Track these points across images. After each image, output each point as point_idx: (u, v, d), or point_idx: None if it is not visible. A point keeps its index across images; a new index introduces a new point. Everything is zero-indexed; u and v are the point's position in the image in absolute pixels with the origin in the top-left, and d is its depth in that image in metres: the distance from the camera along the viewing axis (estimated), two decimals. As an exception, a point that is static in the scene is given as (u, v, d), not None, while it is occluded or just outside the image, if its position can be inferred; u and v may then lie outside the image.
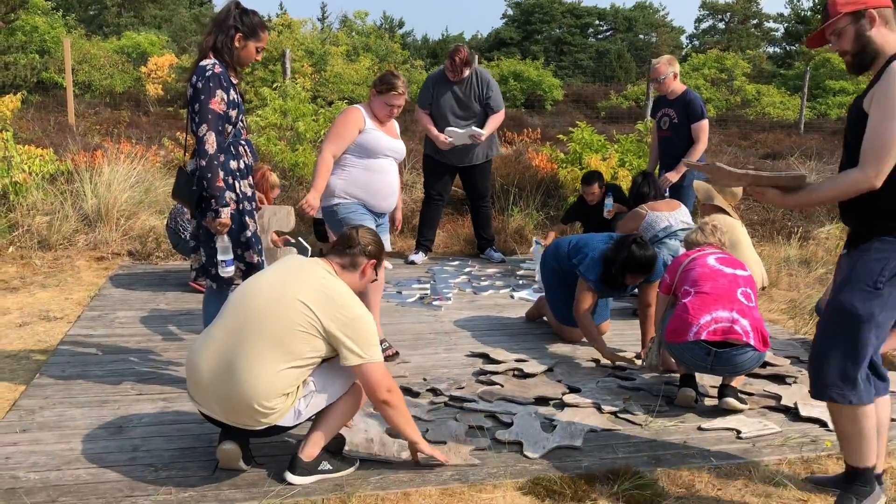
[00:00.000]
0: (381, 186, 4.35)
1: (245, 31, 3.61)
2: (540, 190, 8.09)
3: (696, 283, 3.82)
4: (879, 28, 2.60)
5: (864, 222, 2.70)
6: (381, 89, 4.27)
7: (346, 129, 4.25)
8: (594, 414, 3.72)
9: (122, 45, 19.83)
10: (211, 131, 3.48)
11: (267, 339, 2.79)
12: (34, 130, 10.63)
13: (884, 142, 2.49)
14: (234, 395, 2.80)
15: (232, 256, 3.60)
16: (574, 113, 19.42)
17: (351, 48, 19.31)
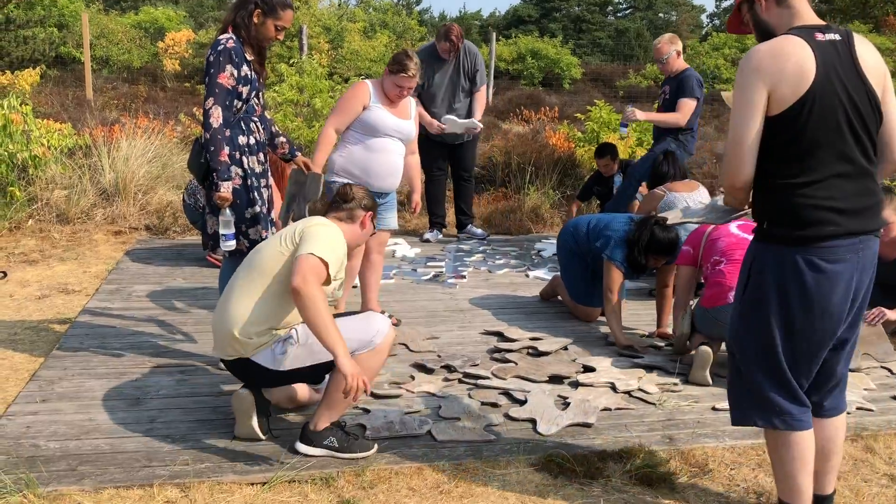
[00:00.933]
0: (379, 166, 4.26)
1: (264, 8, 3.59)
2: (557, 169, 8.05)
3: (726, 253, 4.02)
4: (770, 9, 2.44)
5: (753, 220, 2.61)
6: (392, 69, 4.21)
7: (349, 103, 4.23)
8: (608, 393, 3.72)
9: (139, 20, 19.86)
10: (217, 105, 3.49)
11: (250, 269, 3.01)
12: (52, 105, 10.69)
13: (731, 136, 2.34)
14: (220, 323, 3.00)
15: (233, 231, 3.61)
16: (592, 92, 19.28)
17: (368, 25, 19.25)
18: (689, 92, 5.85)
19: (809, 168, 2.32)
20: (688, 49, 22.29)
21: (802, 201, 2.33)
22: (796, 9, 2.39)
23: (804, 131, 2.29)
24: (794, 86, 2.25)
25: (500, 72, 20.38)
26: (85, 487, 2.79)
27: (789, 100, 2.26)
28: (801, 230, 2.34)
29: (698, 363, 3.89)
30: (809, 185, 2.33)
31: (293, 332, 2.98)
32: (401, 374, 3.86)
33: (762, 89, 2.26)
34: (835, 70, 2.29)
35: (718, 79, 20.04)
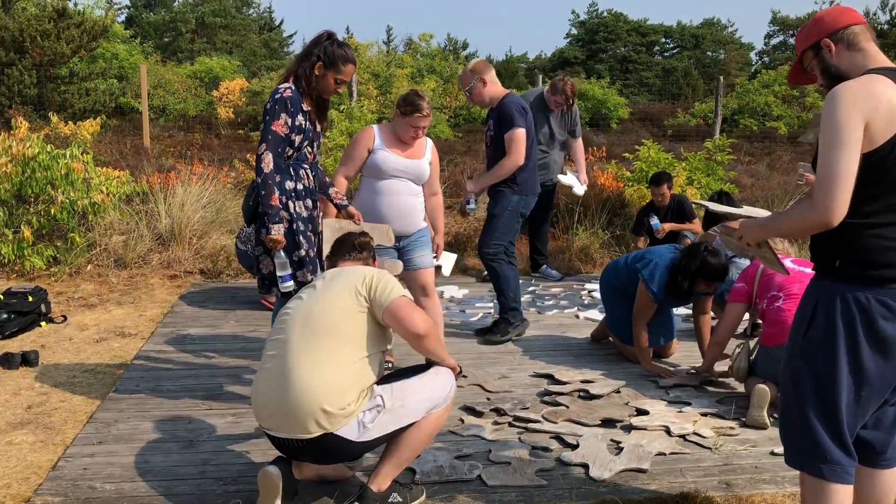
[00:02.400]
0: (387, 208, 4.24)
1: (326, 61, 3.65)
2: (606, 209, 8.01)
3: (783, 288, 4.00)
4: (840, 53, 2.36)
5: (814, 256, 2.46)
6: (405, 110, 4.19)
7: (354, 149, 4.26)
8: (662, 436, 3.64)
9: (195, 70, 20.49)
10: (268, 151, 3.57)
11: (318, 333, 2.79)
12: (112, 153, 11.04)
13: (830, 173, 2.18)
14: (299, 399, 2.70)
15: (290, 272, 3.65)
16: (640, 131, 19.20)
17: (416, 70, 19.53)
18: (512, 121, 4.96)
19: (887, 209, 2.27)
20: (737, 87, 22.11)
21: (879, 242, 2.27)
22: (869, 52, 2.34)
23: (889, 172, 2.23)
24: (887, 125, 2.19)
25: (546, 113, 20.39)
26: (139, 530, 2.81)
27: (879, 139, 2.20)
28: (876, 270, 2.27)
29: (755, 403, 3.80)
30: (887, 227, 2.27)
31: (378, 397, 2.79)
32: (450, 418, 3.84)
33: (861, 123, 2.18)
34: None
35: (769, 116, 19.82)
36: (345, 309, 2.82)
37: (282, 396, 2.74)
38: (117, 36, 20.26)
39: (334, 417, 2.71)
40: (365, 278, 2.89)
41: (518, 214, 5.13)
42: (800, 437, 2.42)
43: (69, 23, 14.52)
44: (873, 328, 2.28)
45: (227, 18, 38.52)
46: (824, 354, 2.35)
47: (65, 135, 9.70)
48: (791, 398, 2.46)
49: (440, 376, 2.95)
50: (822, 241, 2.37)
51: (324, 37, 3.69)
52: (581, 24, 46.04)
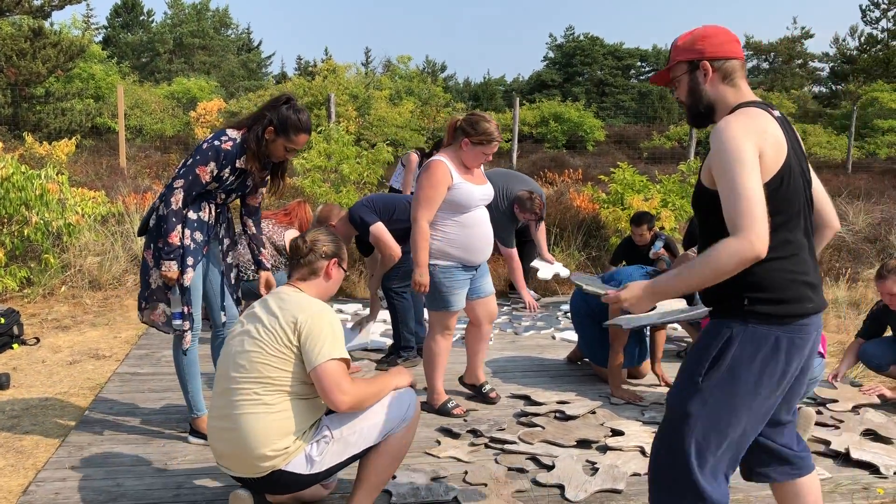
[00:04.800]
0: (478, 240, 4.10)
1: (278, 126, 3.48)
2: (581, 230, 8.09)
3: None
4: (714, 83, 2.28)
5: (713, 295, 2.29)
6: (478, 140, 3.97)
7: (437, 190, 3.95)
8: (638, 457, 3.66)
9: (172, 91, 20.47)
10: (182, 189, 3.42)
11: (251, 377, 2.70)
12: (87, 174, 10.99)
13: (745, 197, 2.02)
14: (239, 445, 2.71)
15: (180, 310, 3.53)
16: (616, 153, 19.42)
17: (394, 92, 19.66)
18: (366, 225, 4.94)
19: (787, 241, 2.19)
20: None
21: (784, 276, 2.19)
22: (741, 89, 2.29)
23: (784, 202, 2.17)
24: (776, 155, 2.14)
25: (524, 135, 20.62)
26: (111, 555, 2.78)
27: (772, 169, 2.14)
28: (785, 306, 2.19)
29: None
30: (790, 259, 2.20)
31: (325, 429, 2.78)
32: (426, 439, 3.84)
33: (756, 150, 2.09)
34: (793, 146, 2.23)
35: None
36: (272, 355, 2.70)
37: (226, 440, 2.75)
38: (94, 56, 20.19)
39: (278, 457, 2.70)
40: (297, 324, 2.70)
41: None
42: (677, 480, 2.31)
43: (45, 42, 14.49)
44: (778, 366, 2.21)
45: (206, 39, 38.55)
46: (727, 396, 2.22)
47: (40, 155, 9.64)
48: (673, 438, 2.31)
49: (396, 399, 2.88)
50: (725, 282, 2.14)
51: (282, 100, 3.53)
52: (558, 48, 46.60)
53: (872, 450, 3.74)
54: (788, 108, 21.97)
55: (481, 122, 3.99)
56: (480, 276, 4.30)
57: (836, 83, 36.53)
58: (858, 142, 20.12)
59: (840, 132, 21.92)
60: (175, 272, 3.47)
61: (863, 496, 3.33)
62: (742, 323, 2.21)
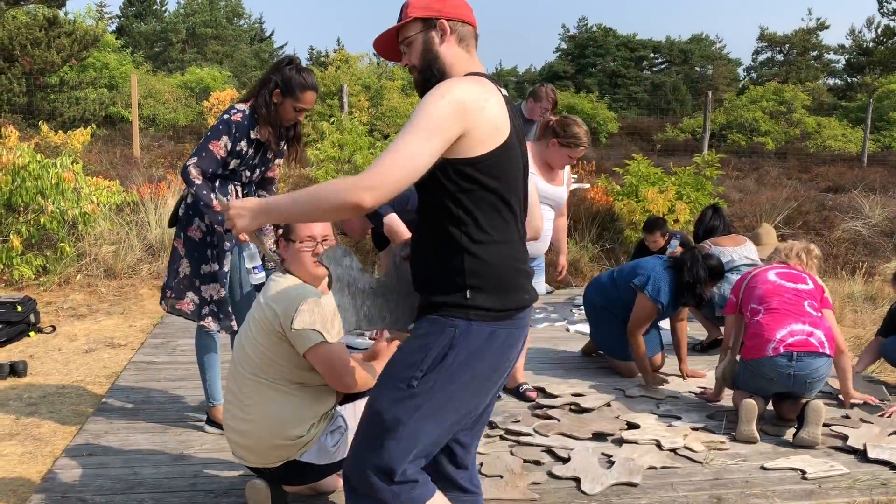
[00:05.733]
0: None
1: (283, 88, 3.44)
2: (595, 223, 8.05)
3: (763, 301, 4.05)
4: (451, 44, 2.10)
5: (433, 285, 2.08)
6: (566, 143, 4.04)
7: None
8: (653, 450, 3.65)
9: (185, 80, 20.49)
10: (198, 165, 3.42)
11: (256, 369, 2.71)
12: (101, 163, 11.01)
13: (397, 153, 1.88)
14: (254, 434, 2.72)
15: (260, 262, 3.46)
16: (629, 145, 19.33)
17: (406, 82, 19.60)
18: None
19: (505, 225, 2.04)
20: (725, 102, 22.30)
21: (505, 262, 2.03)
22: (474, 56, 2.15)
23: (499, 182, 2.01)
24: (494, 131, 1.98)
25: (536, 127, 20.50)
26: (129, 542, 2.80)
27: (487, 144, 1.97)
28: (506, 297, 2.04)
29: (744, 418, 3.82)
30: (508, 244, 2.04)
31: (339, 419, 2.81)
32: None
33: (459, 124, 1.93)
34: (515, 125, 2.07)
35: (756, 131, 20.00)
36: (270, 346, 2.68)
37: (240, 431, 2.77)
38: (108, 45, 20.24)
39: (292, 447, 2.71)
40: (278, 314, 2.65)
41: None
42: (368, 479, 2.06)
43: (60, 31, 14.52)
44: (497, 361, 2.07)
45: (218, 29, 38.56)
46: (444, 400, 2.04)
47: (55, 144, 9.66)
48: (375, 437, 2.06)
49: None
50: (442, 271, 2.04)
51: (284, 62, 3.49)
52: (571, 39, 46.34)
53: (890, 446, 3.71)
54: (803, 100, 21.79)
55: (572, 126, 4.06)
56: (536, 274, 4.29)
57: (852, 75, 36.22)
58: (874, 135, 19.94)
59: (855, 125, 21.74)
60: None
61: (881, 492, 3.30)
62: (464, 319, 2.02)
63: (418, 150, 1.89)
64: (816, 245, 4.58)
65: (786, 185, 12.27)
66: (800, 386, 3.88)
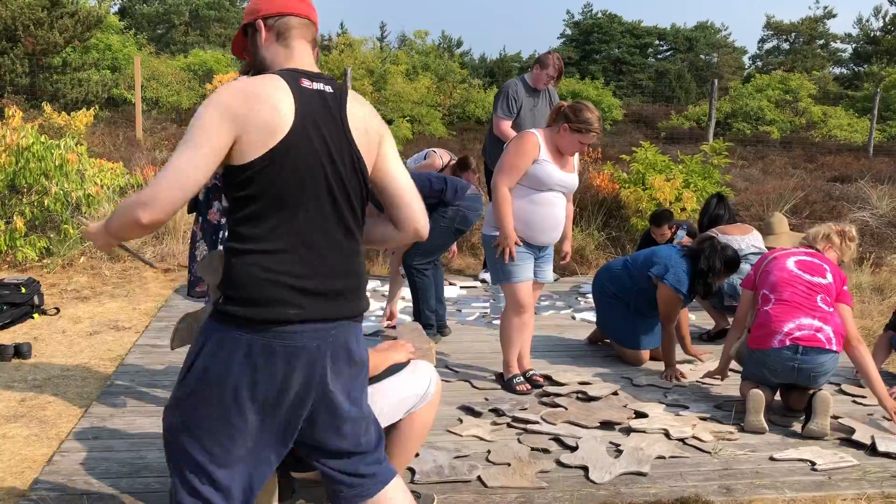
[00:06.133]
0: (543, 220, 4.12)
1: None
2: (601, 210, 8.01)
3: (775, 289, 3.99)
4: (269, 43, 2.09)
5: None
6: (578, 128, 3.98)
7: (522, 159, 4.01)
8: (662, 440, 3.63)
9: (189, 63, 20.38)
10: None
11: None
12: (104, 145, 10.97)
13: (169, 167, 1.89)
14: None
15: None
16: (634, 133, 19.25)
17: (410, 67, 19.50)
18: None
19: (275, 234, 1.97)
20: (731, 91, 22.18)
21: (256, 272, 1.95)
22: (295, 49, 2.09)
23: (270, 187, 1.94)
24: (267, 133, 1.91)
25: (541, 113, 20.42)
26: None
27: (258, 149, 1.91)
28: (255, 308, 1.95)
29: (751, 408, 3.80)
30: (273, 255, 1.96)
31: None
32: (448, 417, 3.82)
33: (227, 131, 1.89)
34: (316, 124, 1.98)
35: (762, 120, 19.89)
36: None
37: None
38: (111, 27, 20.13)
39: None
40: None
41: (453, 230, 5.02)
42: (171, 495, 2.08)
43: (63, 12, 14.43)
44: (269, 380, 1.98)
45: (221, 11, 38.35)
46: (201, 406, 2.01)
47: (58, 125, 9.61)
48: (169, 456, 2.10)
49: (415, 374, 2.82)
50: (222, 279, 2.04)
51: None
52: (575, 25, 46.08)
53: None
54: (809, 89, 21.66)
55: (584, 111, 4.00)
56: (543, 261, 4.31)
57: (859, 65, 36.02)
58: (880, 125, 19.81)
59: (861, 114, 21.62)
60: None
61: (892, 484, 3.28)
62: (217, 323, 2.00)
63: (187, 163, 1.88)
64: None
65: (791, 175, 12.20)
66: (804, 378, 3.85)
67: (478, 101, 19.48)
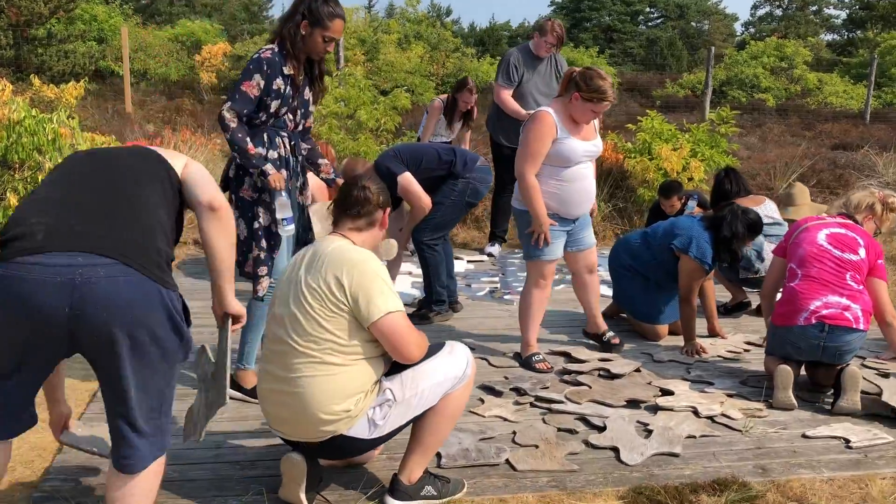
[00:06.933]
0: (577, 194, 4.07)
1: (311, 19, 3.33)
2: (607, 182, 7.87)
3: (803, 264, 3.86)
4: None
5: None
6: (589, 96, 3.87)
7: (541, 143, 3.93)
8: (690, 418, 3.53)
9: (176, 34, 19.94)
10: (232, 108, 3.32)
11: (308, 337, 2.55)
12: (94, 118, 10.71)
13: None
14: (296, 410, 2.59)
15: (291, 215, 3.39)
16: (628, 101, 19.05)
17: (402, 36, 19.17)
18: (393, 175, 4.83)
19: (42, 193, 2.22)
20: (726, 58, 21.98)
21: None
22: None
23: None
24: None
25: (534, 82, 20.16)
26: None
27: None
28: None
29: (780, 384, 3.70)
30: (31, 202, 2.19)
31: (387, 392, 2.63)
32: (470, 397, 3.69)
33: None
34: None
35: (757, 88, 19.74)
36: (325, 317, 2.53)
37: (285, 403, 2.62)
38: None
39: (340, 422, 2.58)
40: (342, 280, 2.52)
41: (464, 204, 4.91)
42: None
43: (47, -18, 14.04)
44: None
45: (206, -20, 37.64)
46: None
47: (48, 98, 9.37)
48: None
49: (453, 356, 2.74)
50: None
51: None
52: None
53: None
54: (805, 55, 21.47)
55: (596, 78, 3.86)
56: (581, 228, 4.24)
57: (852, 31, 35.81)
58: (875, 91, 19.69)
59: (856, 81, 21.49)
60: (278, 175, 3.34)
61: (930, 461, 3.20)
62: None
63: None
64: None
65: (790, 143, 12.09)
66: (829, 356, 3.75)
67: (471, 70, 19.17)
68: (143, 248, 2.15)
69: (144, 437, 2.22)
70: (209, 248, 2.44)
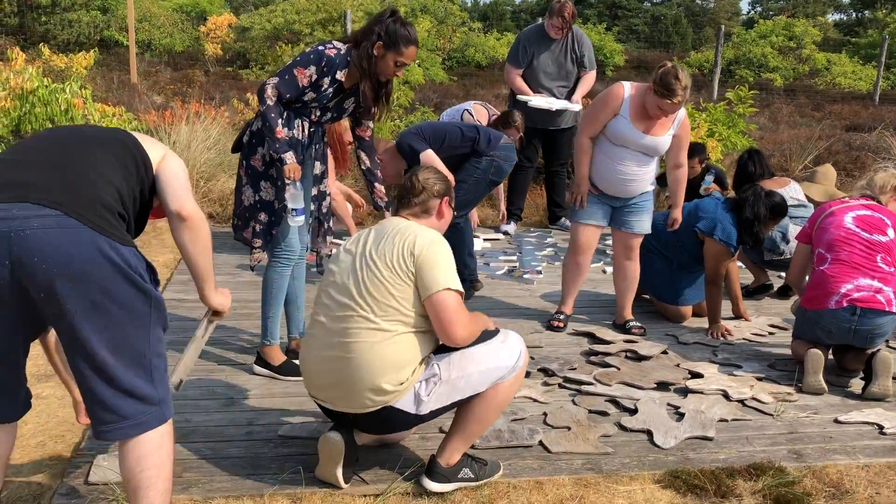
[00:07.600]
0: (610, 174, 4.14)
1: (386, 41, 3.31)
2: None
3: (832, 248, 3.82)
4: None
5: None
6: (658, 91, 3.87)
7: (600, 111, 4.08)
8: (721, 401, 3.52)
9: (181, 4, 19.78)
10: (277, 86, 3.28)
11: (364, 303, 2.55)
12: (100, 89, 10.61)
13: None
14: (350, 377, 2.57)
15: (302, 206, 3.36)
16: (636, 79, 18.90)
17: (409, 10, 18.98)
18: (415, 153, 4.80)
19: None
20: (734, 37, 21.81)
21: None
22: None
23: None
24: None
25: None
26: (194, 497, 2.65)
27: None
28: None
29: (810, 368, 3.68)
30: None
31: (435, 367, 2.63)
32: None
33: None
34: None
35: (765, 67, 19.60)
36: (391, 283, 2.55)
37: (335, 369, 2.60)
38: (99, -35, 19.41)
39: (392, 393, 2.57)
40: (415, 250, 2.57)
41: (487, 182, 4.87)
42: None
43: (51, -51, 13.87)
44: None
45: (208, -50, 37.19)
46: None
47: (59, 68, 9.26)
48: None
49: (506, 345, 2.72)
50: None
51: (387, 14, 3.35)
52: (570, -33, 45.05)
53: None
54: (814, 35, 21.30)
55: (669, 76, 3.85)
56: (634, 212, 4.29)
57: (860, 10, 35.52)
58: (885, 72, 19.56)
59: (865, 62, 21.34)
60: (295, 166, 3.29)
61: (965, 449, 3.19)
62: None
63: None
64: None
65: (800, 124, 12.00)
66: (860, 340, 3.73)
67: (478, 45, 19.04)
68: (88, 199, 2.05)
69: (122, 398, 2.10)
70: (182, 254, 2.45)
